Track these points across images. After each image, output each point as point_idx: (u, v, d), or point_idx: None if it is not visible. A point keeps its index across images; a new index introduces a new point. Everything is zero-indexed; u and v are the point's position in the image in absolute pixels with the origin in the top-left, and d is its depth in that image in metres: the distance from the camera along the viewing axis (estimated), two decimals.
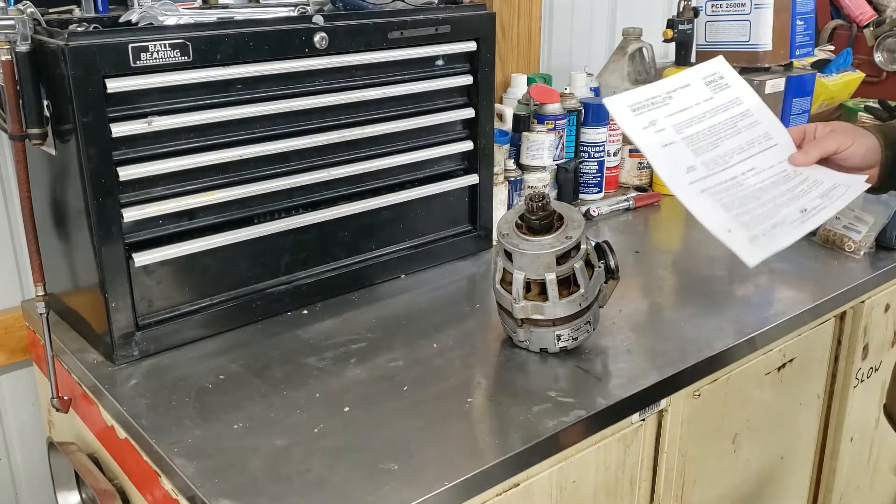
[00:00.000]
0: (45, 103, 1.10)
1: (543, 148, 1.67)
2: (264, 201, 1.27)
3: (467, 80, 1.46)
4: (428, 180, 1.47)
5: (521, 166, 1.69)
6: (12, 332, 1.42)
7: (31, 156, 1.16)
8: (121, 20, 1.17)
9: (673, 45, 1.96)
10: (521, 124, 1.70)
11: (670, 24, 1.92)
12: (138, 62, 1.07)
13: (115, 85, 1.06)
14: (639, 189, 1.92)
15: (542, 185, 1.70)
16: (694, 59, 1.97)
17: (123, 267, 1.14)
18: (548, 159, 1.69)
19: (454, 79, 1.44)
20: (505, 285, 1.18)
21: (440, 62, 1.42)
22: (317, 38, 1.23)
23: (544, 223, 1.16)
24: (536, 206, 1.15)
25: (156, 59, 1.09)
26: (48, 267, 1.20)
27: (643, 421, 1.19)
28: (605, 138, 1.83)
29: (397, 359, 1.20)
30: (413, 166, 1.44)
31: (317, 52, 1.24)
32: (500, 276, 1.19)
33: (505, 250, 1.17)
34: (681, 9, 1.93)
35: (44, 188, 1.21)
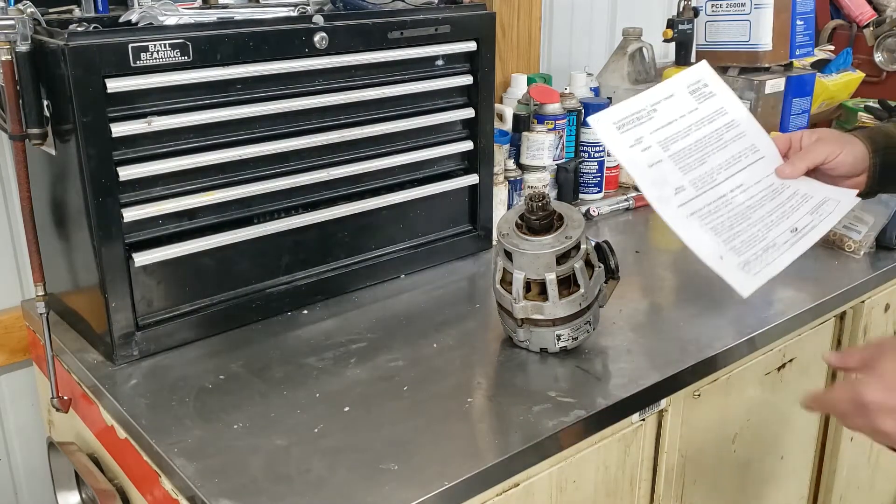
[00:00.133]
0: (45, 103, 1.10)
1: (543, 148, 1.67)
2: (264, 201, 1.27)
3: (467, 80, 1.46)
4: (428, 180, 1.47)
5: (521, 166, 1.69)
6: (12, 332, 1.42)
7: (31, 156, 1.16)
8: (121, 20, 1.17)
9: (673, 45, 1.96)
10: (521, 124, 1.70)
11: (670, 24, 1.92)
12: (138, 62, 1.07)
13: (115, 85, 1.06)
14: (639, 189, 1.92)
15: (542, 185, 1.70)
16: (694, 59, 1.98)
17: (123, 267, 1.14)
18: (548, 159, 1.69)
19: (454, 79, 1.44)
20: (505, 285, 1.18)
21: (440, 62, 1.42)
22: (317, 38, 1.23)
23: (544, 223, 1.16)
24: (536, 206, 1.15)
25: (156, 59, 1.09)
26: (48, 267, 1.20)
27: (643, 421, 1.19)
28: None
29: (397, 359, 1.20)
30: (413, 166, 1.44)
31: (317, 52, 1.24)
32: (500, 276, 1.19)
33: (505, 250, 1.17)
34: (681, 9, 1.93)
35: (44, 188, 1.21)
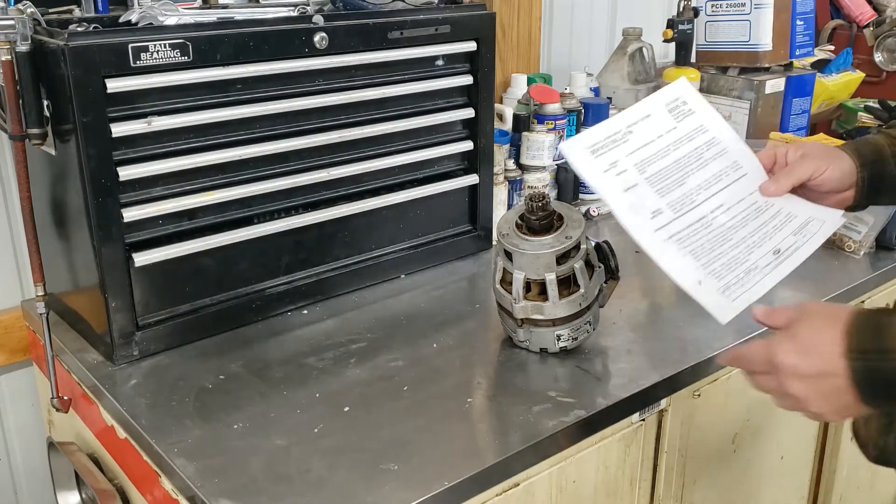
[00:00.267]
0: (45, 103, 1.10)
1: (543, 148, 1.67)
2: (264, 201, 1.27)
3: (467, 80, 1.46)
4: (428, 180, 1.47)
5: (521, 166, 1.69)
6: (12, 332, 1.42)
7: (31, 156, 1.16)
8: (121, 20, 1.17)
9: (673, 45, 1.96)
10: (521, 124, 1.70)
11: (670, 24, 1.92)
12: (138, 62, 1.07)
13: (115, 85, 1.06)
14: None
15: (542, 185, 1.70)
16: (694, 59, 1.98)
17: (123, 267, 1.14)
18: (548, 159, 1.69)
19: (454, 79, 1.44)
20: (505, 285, 1.18)
21: (440, 62, 1.42)
22: (317, 38, 1.23)
23: (544, 223, 1.16)
24: (536, 206, 1.15)
25: (156, 59, 1.09)
26: (48, 267, 1.20)
27: (643, 421, 1.19)
28: None
29: (397, 359, 1.20)
30: (413, 166, 1.44)
31: (317, 52, 1.24)
32: (500, 276, 1.19)
33: (505, 250, 1.17)
34: (681, 9, 1.93)
35: (44, 188, 1.21)
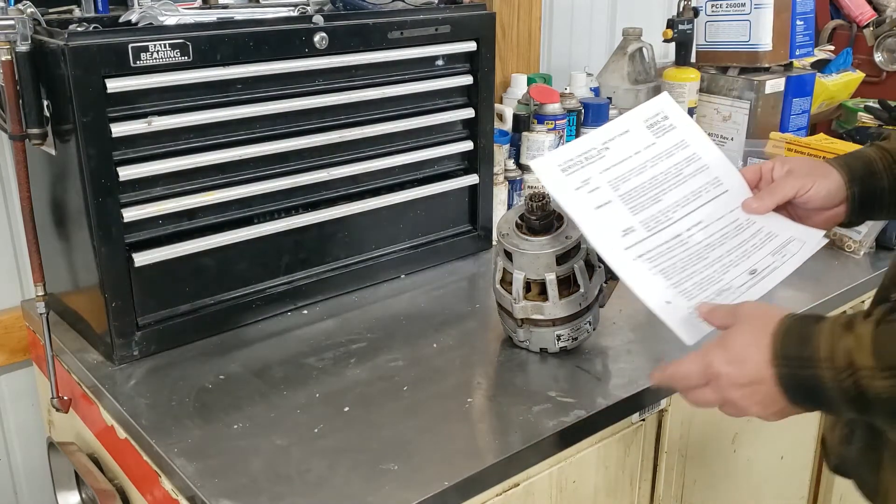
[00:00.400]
0: (45, 103, 1.10)
1: (543, 148, 1.67)
2: (264, 201, 1.27)
3: (467, 80, 1.46)
4: (428, 180, 1.47)
5: (521, 166, 1.69)
6: (12, 332, 1.42)
7: (31, 156, 1.16)
8: (121, 20, 1.17)
9: (673, 45, 1.96)
10: (521, 124, 1.70)
11: (670, 24, 1.92)
12: (138, 62, 1.07)
13: (115, 85, 1.06)
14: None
15: (542, 185, 1.70)
16: (694, 58, 1.98)
17: (123, 267, 1.14)
18: None
19: (454, 79, 1.44)
20: (505, 285, 1.18)
21: (440, 62, 1.42)
22: (317, 38, 1.23)
23: (544, 223, 1.16)
24: (536, 206, 1.15)
25: (156, 59, 1.09)
26: (48, 267, 1.20)
27: (643, 421, 1.19)
28: None
29: (397, 359, 1.20)
30: (413, 166, 1.44)
31: (317, 52, 1.24)
32: (500, 276, 1.19)
33: (505, 250, 1.17)
34: (681, 9, 1.93)
35: (44, 188, 1.21)
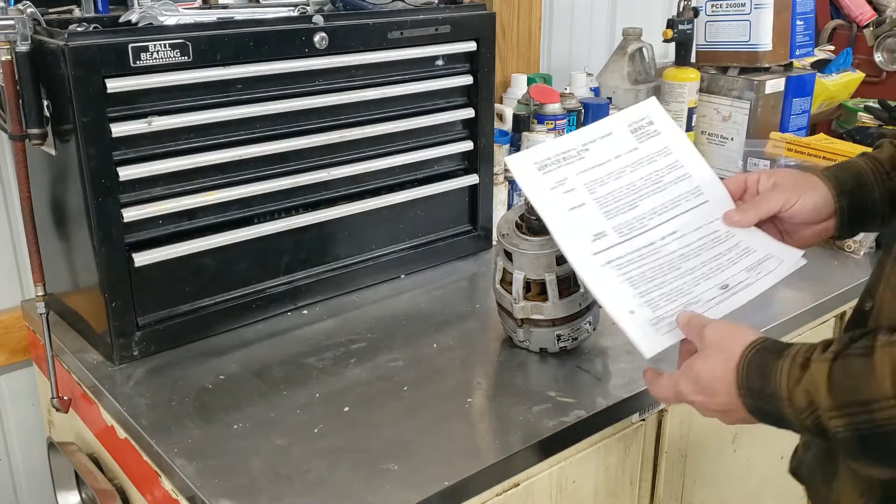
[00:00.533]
0: (45, 103, 1.10)
1: None
2: (264, 201, 1.27)
3: (467, 80, 1.46)
4: (428, 180, 1.47)
5: None
6: (12, 332, 1.42)
7: (31, 156, 1.16)
8: (121, 20, 1.17)
9: (673, 45, 1.96)
10: (521, 124, 1.70)
11: (670, 24, 1.92)
12: (138, 62, 1.07)
13: (115, 85, 1.06)
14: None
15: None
16: (694, 59, 1.98)
17: (123, 267, 1.14)
18: None
19: (454, 79, 1.44)
20: (505, 285, 1.18)
21: (440, 62, 1.42)
22: (317, 38, 1.23)
23: (544, 223, 1.16)
24: None
25: (156, 59, 1.09)
26: (48, 267, 1.20)
27: (643, 421, 1.19)
28: None
29: (397, 359, 1.20)
30: (413, 166, 1.44)
31: (317, 52, 1.24)
32: (500, 276, 1.19)
33: (505, 250, 1.17)
34: (681, 9, 1.93)
35: (44, 188, 1.21)
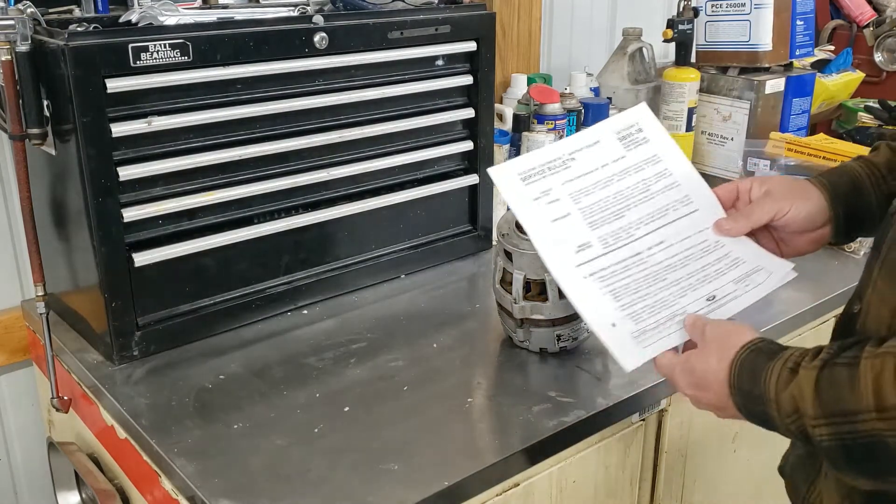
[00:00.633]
0: (45, 103, 1.10)
1: None
2: (264, 201, 1.27)
3: (467, 80, 1.46)
4: (428, 180, 1.47)
5: None
6: (12, 332, 1.42)
7: (31, 156, 1.16)
8: (121, 20, 1.17)
9: (673, 45, 1.96)
10: (521, 124, 1.70)
11: (670, 24, 1.92)
12: (138, 62, 1.07)
13: (115, 85, 1.06)
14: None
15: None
16: (694, 59, 1.98)
17: (123, 267, 1.14)
18: None
19: (454, 79, 1.44)
20: (505, 285, 1.18)
21: (440, 62, 1.42)
22: (317, 38, 1.23)
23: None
24: None
25: (156, 59, 1.09)
26: (48, 267, 1.20)
27: (643, 421, 1.19)
28: None
29: (397, 359, 1.20)
30: (413, 166, 1.44)
31: (317, 52, 1.24)
32: (500, 276, 1.19)
33: (505, 250, 1.17)
34: (681, 9, 1.93)
35: (44, 188, 1.21)
